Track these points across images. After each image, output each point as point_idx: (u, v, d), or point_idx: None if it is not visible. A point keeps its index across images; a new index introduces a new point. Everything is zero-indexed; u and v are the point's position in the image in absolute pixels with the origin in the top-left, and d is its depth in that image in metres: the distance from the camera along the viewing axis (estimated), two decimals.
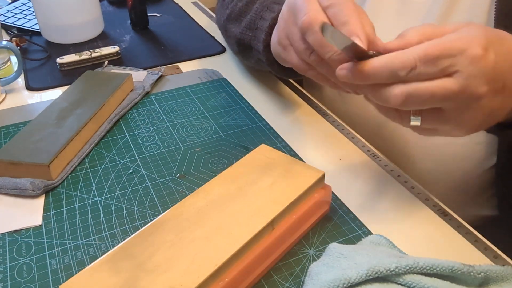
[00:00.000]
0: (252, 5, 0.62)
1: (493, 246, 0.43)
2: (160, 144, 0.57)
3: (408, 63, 0.35)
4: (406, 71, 0.35)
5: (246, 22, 0.62)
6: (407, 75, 0.35)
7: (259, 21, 0.59)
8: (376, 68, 0.36)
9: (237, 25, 0.65)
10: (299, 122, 0.61)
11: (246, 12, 0.63)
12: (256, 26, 0.59)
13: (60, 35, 0.82)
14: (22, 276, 0.41)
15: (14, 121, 0.62)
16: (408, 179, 0.51)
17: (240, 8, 0.65)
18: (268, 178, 0.43)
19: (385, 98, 0.37)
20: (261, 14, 0.58)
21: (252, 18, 0.61)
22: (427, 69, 0.35)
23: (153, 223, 0.39)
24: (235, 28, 0.66)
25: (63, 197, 0.50)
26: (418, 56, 0.35)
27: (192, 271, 0.35)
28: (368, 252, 0.38)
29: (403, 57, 0.35)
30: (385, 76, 0.36)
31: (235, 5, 0.66)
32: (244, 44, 0.63)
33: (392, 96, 0.36)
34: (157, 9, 0.99)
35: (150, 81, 0.69)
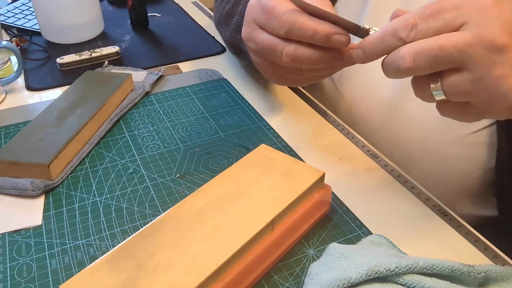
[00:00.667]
0: (237, 7, 0.62)
1: (493, 246, 0.43)
2: (160, 144, 0.57)
3: (408, 21, 0.34)
4: (407, 30, 0.34)
5: (234, 25, 0.62)
6: (409, 34, 0.34)
7: None
8: (379, 35, 0.35)
9: (226, 28, 0.65)
10: (299, 122, 0.61)
11: (232, 14, 0.63)
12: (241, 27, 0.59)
13: (60, 35, 0.82)
14: (22, 276, 0.41)
15: (14, 121, 0.62)
16: (408, 179, 0.51)
17: (227, 11, 0.64)
18: (268, 178, 0.43)
19: (396, 65, 0.35)
20: None
21: (238, 21, 0.61)
22: (428, 24, 0.33)
23: (153, 223, 0.39)
24: (224, 31, 0.66)
25: (63, 197, 0.50)
26: (417, 14, 0.34)
27: (192, 271, 0.35)
28: (368, 252, 0.38)
29: (402, 17, 0.35)
30: (389, 41, 0.35)
31: (223, 8, 0.66)
32: (235, 46, 0.64)
33: (400, 59, 0.34)
34: (157, 9, 0.99)
35: (150, 81, 0.69)
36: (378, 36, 0.36)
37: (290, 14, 0.40)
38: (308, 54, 0.41)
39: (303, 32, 0.40)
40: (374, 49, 0.36)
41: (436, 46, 0.33)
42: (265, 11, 0.42)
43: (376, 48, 0.36)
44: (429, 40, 0.33)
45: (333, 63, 0.42)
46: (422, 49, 0.33)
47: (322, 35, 0.39)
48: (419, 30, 0.33)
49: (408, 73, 0.35)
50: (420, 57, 0.33)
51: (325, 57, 0.41)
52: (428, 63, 0.33)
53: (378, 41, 0.36)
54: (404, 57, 0.34)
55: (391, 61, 0.35)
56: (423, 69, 0.34)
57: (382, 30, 0.35)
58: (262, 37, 0.43)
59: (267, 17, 0.42)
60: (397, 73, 0.35)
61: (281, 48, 0.42)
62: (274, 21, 0.41)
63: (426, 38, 0.33)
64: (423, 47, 0.33)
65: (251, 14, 0.45)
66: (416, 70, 0.34)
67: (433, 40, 0.33)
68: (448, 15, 0.33)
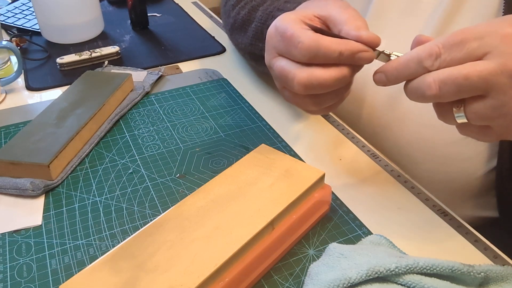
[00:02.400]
0: (255, 13, 0.61)
1: (493, 246, 0.43)
2: (160, 144, 0.57)
3: (433, 50, 0.35)
4: (432, 59, 0.35)
5: (253, 32, 0.61)
6: (433, 63, 0.35)
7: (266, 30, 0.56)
8: (403, 62, 0.36)
9: (243, 35, 0.64)
10: (299, 122, 0.61)
11: (249, 20, 0.62)
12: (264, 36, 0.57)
13: (60, 35, 0.82)
14: (22, 276, 0.41)
15: (14, 121, 0.62)
16: (408, 179, 0.51)
17: (243, 17, 0.63)
18: (268, 178, 0.43)
19: (421, 91, 0.36)
20: (268, 23, 0.57)
21: (258, 27, 0.60)
22: (452, 54, 0.34)
23: (153, 223, 0.39)
24: (241, 38, 0.65)
25: (63, 197, 0.50)
26: (441, 43, 0.35)
27: (192, 271, 0.35)
28: (368, 252, 0.38)
29: (427, 46, 0.35)
30: (413, 68, 0.36)
31: (238, 13, 0.65)
32: (255, 54, 0.62)
33: (426, 86, 0.35)
34: (157, 9, 0.99)
35: (150, 81, 0.69)
36: (403, 63, 0.37)
37: (311, 40, 0.40)
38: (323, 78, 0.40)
39: (329, 56, 0.40)
40: (398, 75, 0.37)
41: (461, 76, 0.33)
42: (284, 38, 0.42)
43: (400, 74, 0.37)
44: (454, 69, 0.34)
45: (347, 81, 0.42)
46: (447, 78, 0.34)
47: (346, 56, 0.39)
48: (443, 60, 0.35)
49: (433, 100, 0.36)
50: (445, 86, 0.34)
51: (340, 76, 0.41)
52: (453, 91, 0.34)
53: (402, 67, 0.37)
54: (430, 85, 0.35)
55: (416, 87, 0.36)
56: (447, 96, 0.35)
57: (407, 58, 0.36)
58: (278, 63, 0.43)
59: (286, 44, 0.42)
60: (421, 99, 0.36)
61: (293, 75, 0.41)
62: (294, 49, 0.41)
63: (450, 67, 0.34)
64: (449, 76, 0.34)
65: (270, 42, 0.44)
66: (441, 97, 0.35)
67: (458, 69, 0.34)
68: (471, 45, 0.34)
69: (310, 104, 0.44)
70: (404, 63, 0.36)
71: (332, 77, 0.40)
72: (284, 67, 0.42)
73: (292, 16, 0.43)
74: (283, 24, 0.42)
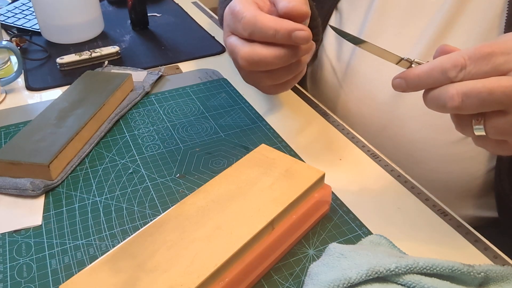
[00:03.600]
0: None
1: (493, 246, 0.43)
2: (160, 144, 0.57)
3: (458, 62, 0.34)
4: (456, 71, 0.34)
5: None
6: (457, 75, 0.34)
7: None
8: (426, 70, 0.36)
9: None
10: (299, 122, 0.61)
11: None
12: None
13: (60, 35, 0.82)
14: (22, 276, 0.41)
15: (14, 121, 0.62)
16: (408, 179, 0.51)
17: None
18: (268, 178, 0.43)
19: (442, 102, 0.35)
20: None
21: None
22: (477, 67, 0.34)
23: (153, 223, 0.39)
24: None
25: (63, 197, 0.50)
26: (467, 55, 0.34)
27: (192, 271, 0.35)
28: (368, 252, 0.38)
29: (452, 56, 0.35)
30: (436, 77, 0.35)
31: None
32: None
33: (448, 98, 0.34)
34: (157, 9, 0.99)
35: (150, 81, 0.69)
36: (425, 71, 0.36)
37: (251, 15, 0.41)
38: (263, 54, 0.42)
39: (265, 32, 0.41)
40: (420, 83, 0.37)
41: (485, 90, 0.33)
42: (233, 15, 0.44)
43: (422, 82, 0.36)
44: (478, 82, 0.33)
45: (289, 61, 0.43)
46: (471, 91, 0.33)
47: (283, 33, 0.40)
48: (467, 72, 0.34)
49: (453, 111, 0.35)
50: (468, 99, 0.34)
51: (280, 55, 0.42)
52: (475, 105, 0.34)
53: (424, 76, 0.36)
54: (453, 97, 0.34)
55: (437, 97, 0.36)
56: (469, 109, 0.35)
57: (430, 66, 0.36)
58: (228, 40, 0.45)
59: (234, 21, 0.43)
60: (441, 109, 0.36)
61: (238, 50, 0.43)
62: (238, 24, 0.42)
63: (473, 79, 0.34)
64: (472, 89, 0.33)
65: (225, 21, 0.46)
66: (463, 109, 0.35)
67: (482, 83, 0.33)
68: (498, 59, 0.33)
69: (264, 79, 0.45)
70: (427, 71, 0.36)
71: (271, 55, 0.41)
72: (232, 43, 0.44)
73: None
74: (235, 2, 0.44)
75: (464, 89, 0.34)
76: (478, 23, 0.53)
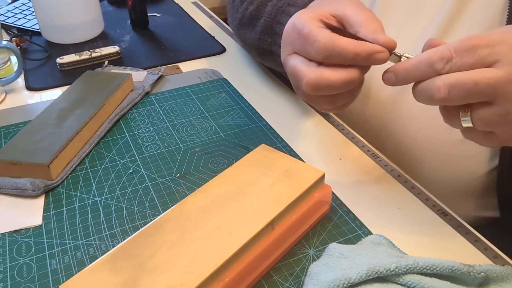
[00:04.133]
0: (264, 8, 0.61)
1: (493, 246, 0.43)
2: (160, 144, 0.57)
3: (444, 54, 0.35)
4: (443, 63, 0.35)
5: (262, 27, 0.61)
6: (444, 67, 0.35)
7: (276, 25, 0.57)
8: (414, 63, 0.37)
9: (251, 30, 0.63)
10: (299, 122, 0.61)
11: (258, 15, 0.62)
12: (274, 31, 0.58)
13: (60, 35, 0.82)
14: (22, 276, 0.41)
15: (14, 121, 0.62)
16: (408, 179, 0.51)
17: (252, 12, 0.63)
18: (268, 178, 0.43)
19: (430, 94, 0.36)
20: (277, 19, 0.57)
21: (267, 22, 0.59)
22: (463, 59, 0.35)
23: (153, 223, 0.39)
24: (249, 33, 0.64)
25: (63, 197, 0.50)
26: (453, 47, 0.35)
27: (192, 271, 0.35)
28: (368, 252, 0.38)
29: (438, 49, 0.36)
30: (424, 70, 0.36)
31: (246, 9, 0.65)
32: (263, 49, 0.62)
33: (435, 89, 0.35)
34: (157, 9, 0.99)
35: (150, 81, 0.69)
36: (413, 64, 0.37)
37: (327, 40, 0.40)
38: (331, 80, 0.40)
39: (344, 56, 0.40)
40: (408, 76, 0.38)
41: (470, 81, 0.34)
42: (301, 36, 0.41)
43: (410, 75, 0.37)
44: (464, 74, 0.34)
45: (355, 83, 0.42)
46: (456, 83, 0.34)
47: (362, 57, 0.39)
48: (453, 64, 0.35)
49: (441, 103, 0.36)
50: (454, 90, 0.35)
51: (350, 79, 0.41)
52: (461, 96, 0.35)
53: (412, 69, 0.37)
54: (439, 89, 0.35)
55: (425, 90, 0.36)
56: (456, 101, 0.35)
57: (418, 59, 0.37)
58: (291, 61, 0.43)
59: (303, 42, 0.41)
60: (429, 101, 0.37)
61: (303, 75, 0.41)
62: (311, 47, 0.41)
63: (459, 71, 0.35)
64: (458, 81, 0.34)
65: (287, 39, 0.44)
66: (449, 101, 0.35)
67: (468, 74, 0.34)
68: (482, 51, 0.34)
69: (324, 103, 0.44)
70: (414, 64, 0.37)
71: (340, 79, 0.40)
72: (296, 65, 0.42)
73: (310, 14, 0.43)
74: (301, 21, 0.42)
75: (450, 80, 0.35)
76: (479, 22, 0.53)
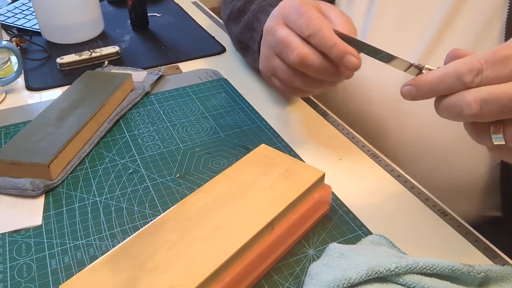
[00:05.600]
0: (250, 5, 0.64)
1: (493, 246, 0.43)
2: (160, 144, 0.57)
3: (474, 66, 0.32)
4: (473, 75, 0.32)
5: (244, 22, 0.64)
6: (473, 80, 0.32)
7: (255, 22, 0.61)
8: (439, 75, 0.34)
9: (237, 24, 0.67)
10: (299, 122, 0.61)
11: (244, 12, 0.65)
12: (253, 27, 0.61)
13: (60, 35, 0.82)
14: (22, 276, 0.41)
15: (14, 121, 0.62)
16: (408, 179, 0.51)
17: (239, 7, 0.67)
18: (268, 178, 0.43)
19: (458, 109, 0.33)
20: (257, 16, 0.61)
21: (249, 18, 0.63)
22: (495, 71, 0.32)
23: (153, 223, 0.39)
24: (235, 27, 0.68)
25: (63, 197, 0.50)
26: (484, 58, 0.32)
27: (192, 271, 0.35)
28: (368, 252, 0.38)
29: (467, 60, 0.33)
30: (450, 83, 0.33)
31: (235, 4, 0.68)
32: (243, 43, 0.66)
33: (465, 105, 0.32)
34: (157, 9, 0.99)
35: (150, 81, 0.69)
36: (438, 77, 0.34)
37: (319, 21, 0.44)
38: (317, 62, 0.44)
39: (324, 41, 0.43)
40: (432, 89, 0.34)
41: (505, 96, 0.31)
42: (299, 10, 0.46)
43: (434, 88, 0.34)
44: (498, 87, 0.31)
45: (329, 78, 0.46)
46: (489, 97, 0.31)
47: (338, 50, 0.42)
48: (485, 76, 0.32)
49: (471, 119, 0.33)
50: (487, 105, 0.32)
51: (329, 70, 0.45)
52: (495, 111, 0.32)
53: (437, 82, 0.34)
54: (470, 104, 0.32)
55: (453, 105, 0.33)
56: (488, 117, 0.32)
57: (443, 71, 0.34)
58: (283, 31, 0.47)
59: (298, 16, 0.46)
60: (457, 117, 0.34)
61: (296, 46, 0.45)
62: (304, 21, 0.45)
63: (491, 84, 0.32)
64: (491, 95, 0.31)
65: (282, 10, 0.49)
66: (481, 117, 0.32)
67: (502, 88, 0.31)
68: None
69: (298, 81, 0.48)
70: (440, 76, 0.34)
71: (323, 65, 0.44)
72: (290, 36, 0.46)
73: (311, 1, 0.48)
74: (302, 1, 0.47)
75: (482, 95, 0.32)
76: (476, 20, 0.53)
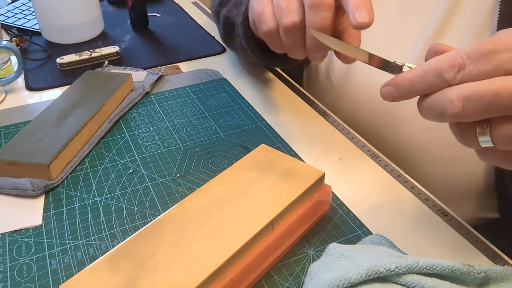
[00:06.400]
0: None
1: (493, 246, 0.43)
2: (160, 144, 0.57)
3: (455, 61, 0.30)
4: (454, 71, 0.30)
5: (233, 1, 0.62)
6: (455, 76, 0.30)
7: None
8: (419, 73, 0.32)
9: (226, 7, 0.64)
10: (299, 122, 0.61)
11: None
12: (241, 1, 0.59)
13: (60, 35, 0.82)
14: (22, 276, 0.41)
15: (14, 121, 0.62)
16: (408, 179, 0.51)
17: None
18: (268, 178, 0.43)
19: (440, 109, 0.31)
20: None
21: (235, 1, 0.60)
22: (478, 66, 0.29)
23: (153, 223, 0.39)
24: (223, 10, 0.64)
25: (63, 197, 0.50)
26: (465, 53, 0.30)
27: (192, 271, 0.35)
28: (368, 252, 0.38)
29: (448, 56, 0.31)
30: (431, 81, 0.31)
31: None
32: (229, 23, 0.62)
33: (447, 103, 0.30)
34: (157, 9, 0.99)
35: (150, 81, 0.69)
36: (418, 75, 0.32)
37: None
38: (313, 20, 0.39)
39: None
40: (412, 88, 0.32)
41: (489, 92, 0.29)
42: None
43: (415, 87, 0.32)
44: (481, 84, 0.29)
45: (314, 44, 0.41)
46: (472, 94, 0.29)
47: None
48: (467, 73, 0.30)
49: (454, 119, 0.31)
50: (470, 103, 0.29)
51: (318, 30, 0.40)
52: (479, 109, 0.29)
53: (417, 80, 0.32)
54: (452, 102, 0.30)
55: (434, 104, 0.31)
56: (472, 116, 0.30)
57: (424, 68, 0.31)
58: None
59: None
60: (440, 117, 0.31)
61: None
62: None
63: (474, 81, 0.30)
64: (475, 92, 0.29)
65: None
66: (464, 116, 0.30)
67: (485, 84, 0.29)
68: (501, 57, 0.29)
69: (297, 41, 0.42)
70: (420, 74, 0.31)
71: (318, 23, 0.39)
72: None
73: None
74: None
75: (464, 92, 0.30)
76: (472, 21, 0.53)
